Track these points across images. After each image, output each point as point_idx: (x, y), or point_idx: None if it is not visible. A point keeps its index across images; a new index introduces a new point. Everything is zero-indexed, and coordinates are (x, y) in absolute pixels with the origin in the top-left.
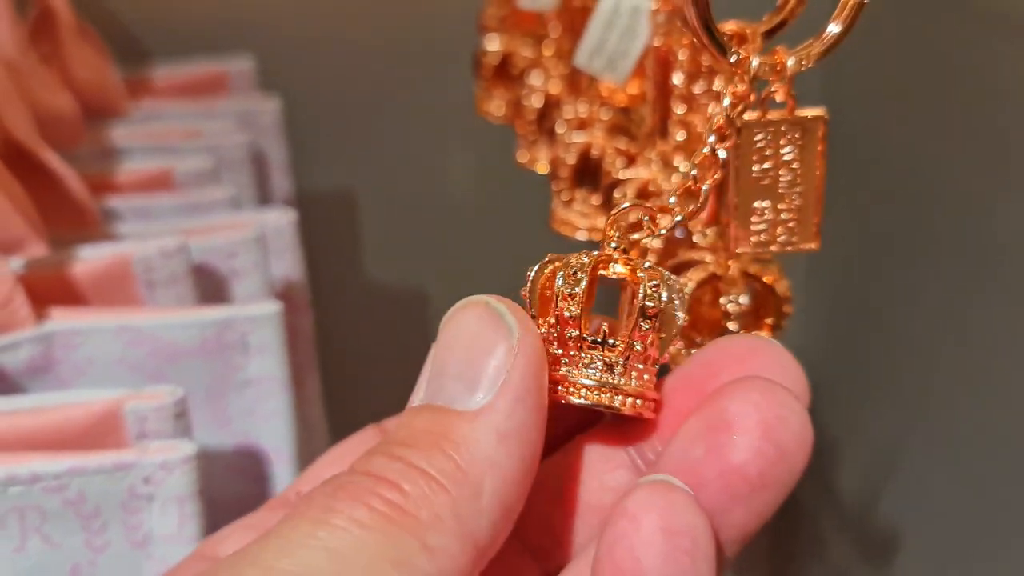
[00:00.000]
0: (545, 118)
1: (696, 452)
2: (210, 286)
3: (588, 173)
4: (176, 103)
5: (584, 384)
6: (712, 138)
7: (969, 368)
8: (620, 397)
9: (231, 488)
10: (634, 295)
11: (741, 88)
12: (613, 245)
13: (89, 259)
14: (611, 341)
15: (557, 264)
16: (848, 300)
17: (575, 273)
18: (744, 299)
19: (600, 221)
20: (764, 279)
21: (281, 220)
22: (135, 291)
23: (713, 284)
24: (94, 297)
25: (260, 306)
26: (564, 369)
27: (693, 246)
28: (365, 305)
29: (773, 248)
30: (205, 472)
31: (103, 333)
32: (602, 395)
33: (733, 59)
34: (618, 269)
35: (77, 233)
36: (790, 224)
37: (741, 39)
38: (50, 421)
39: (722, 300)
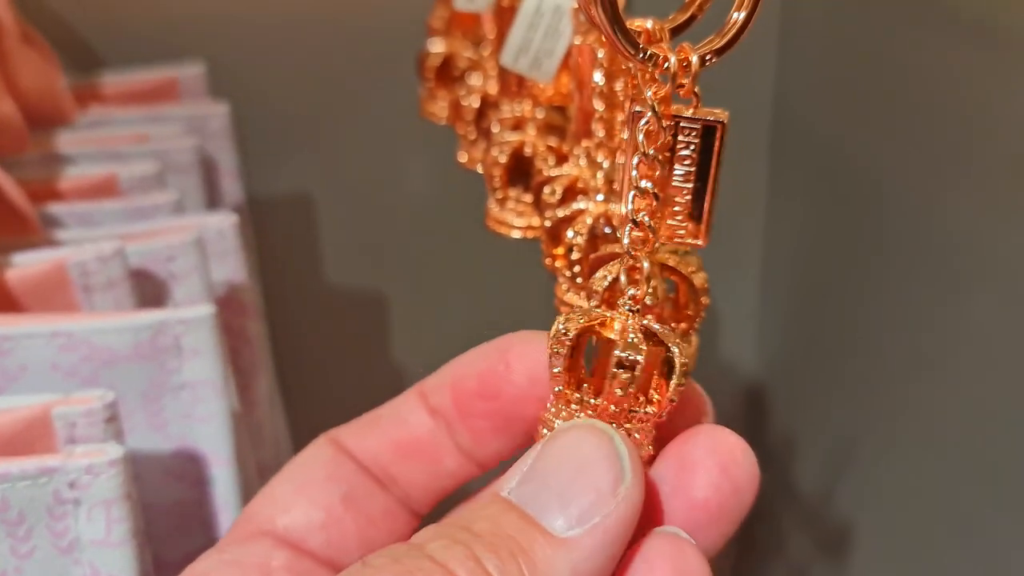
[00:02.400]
0: (483, 118)
1: (664, 490)
2: (149, 290)
3: (523, 172)
4: (124, 109)
5: None
6: (641, 138)
7: (922, 366)
8: None
9: (169, 493)
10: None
11: (661, 89)
12: (627, 307)
13: (24, 265)
14: (591, 400)
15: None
16: (804, 301)
17: (562, 333)
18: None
19: (534, 220)
20: (682, 270)
21: (223, 223)
22: (72, 296)
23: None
24: (31, 303)
25: (193, 309)
26: (552, 416)
27: (616, 240)
28: (323, 308)
29: (663, 240)
30: (142, 478)
31: (35, 338)
32: None
33: (642, 56)
34: (616, 327)
35: (16, 240)
36: (679, 218)
37: (650, 36)
38: None
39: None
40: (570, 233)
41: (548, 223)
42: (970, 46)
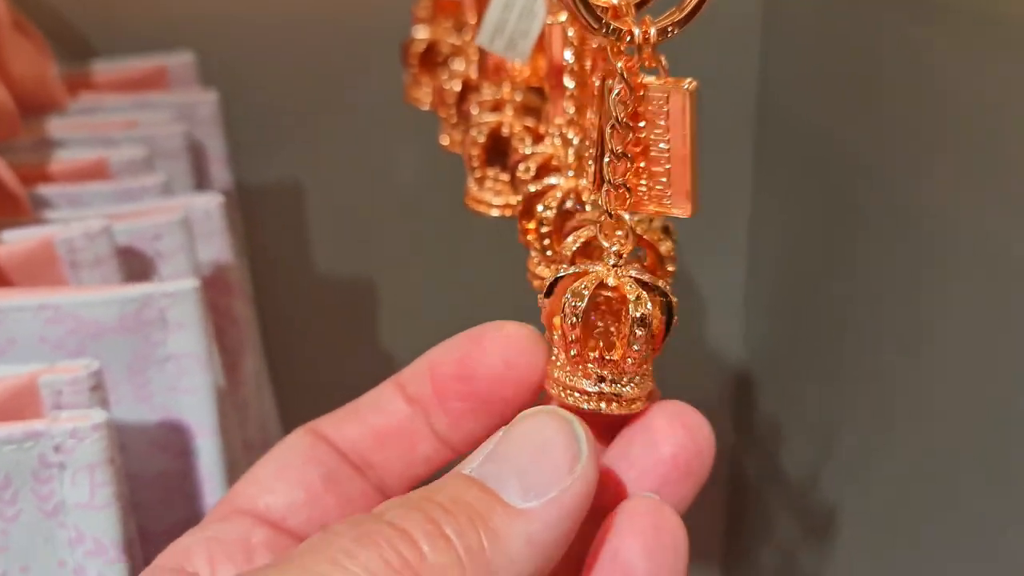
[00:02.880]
0: (464, 101)
1: (634, 450)
2: (136, 268)
3: (501, 153)
4: (115, 96)
5: (588, 391)
6: (617, 110)
7: (907, 351)
8: (618, 403)
9: (154, 464)
10: (624, 307)
11: (630, 61)
12: (611, 262)
13: (13, 242)
14: (608, 357)
15: (569, 278)
16: (790, 287)
17: (577, 294)
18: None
19: (512, 198)
20: (649, 238)
21: (210, 204)
22: (60, 272)
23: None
24: (19, 279)
25: (178, 283)
26: (568, 378)
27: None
28: (312, 294)
29: (650, 208)
30: (127, 448)
31: (23, 312)
32: (603, 403)
33: (605, 31)
34: (610, 283)
35: (6, 221)
36: (659, 187)
37: (616, 11)
38: None
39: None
40: (540, 207)
41: (521, 199)
42: (956, 35)
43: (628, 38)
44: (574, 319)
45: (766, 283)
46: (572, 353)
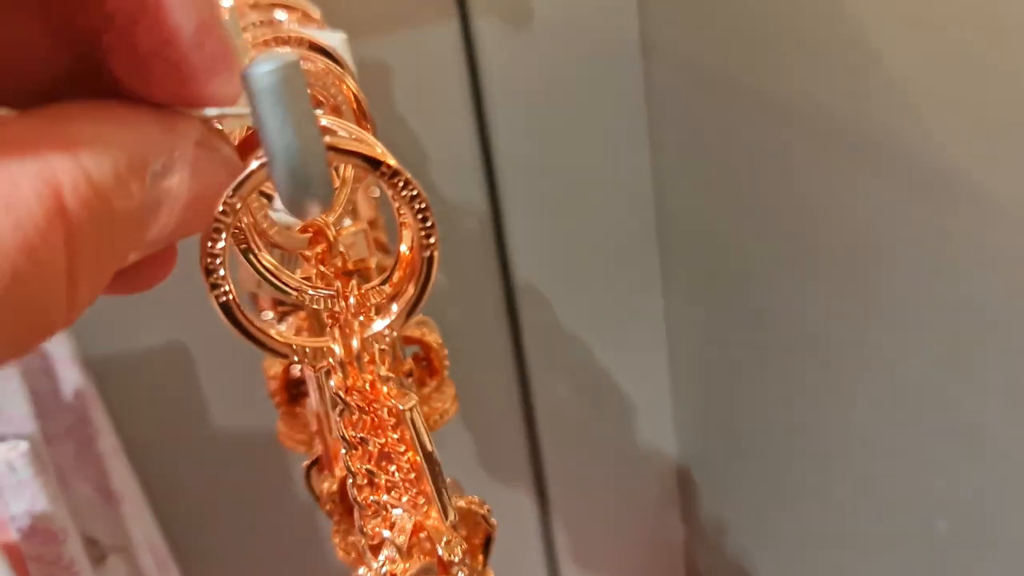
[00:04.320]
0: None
1: None
2: None
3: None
4: None
5: None
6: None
7: (826, 440)
8: None
9: None
10: None
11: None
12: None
13: None
14: None
15: None
16: (710, 379)
17: None
18: None
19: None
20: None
21: (10, 454)
22: None
23: None
24: None
25: None
26: None
27: None
28: (203, 456)
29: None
30: None
31: None
32: None
33: (295, 359)
34: None
35: None
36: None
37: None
38: None
39: None
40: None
41: None
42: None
43: (330, 358)
44: None
45: (689, 378)
46: None
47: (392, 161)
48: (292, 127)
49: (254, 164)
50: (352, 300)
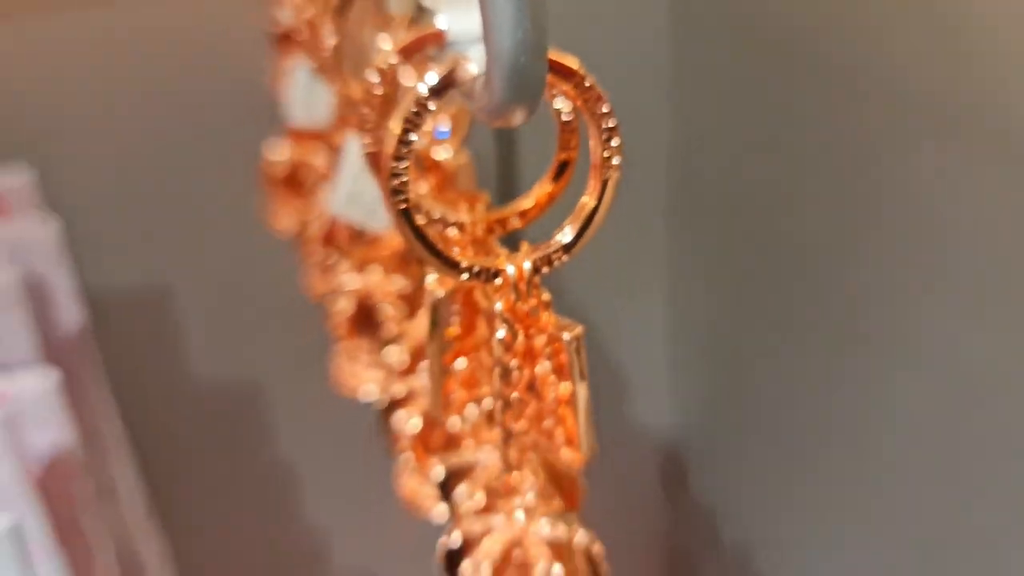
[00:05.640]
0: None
1: None
2: None
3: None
4: None
5: None
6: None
7: (836, 427)
8: None
9: None
10: None
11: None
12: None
13: None
14: None
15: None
16: (710, 352)
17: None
18: None
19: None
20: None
21: (40, 386)
22: None
23: None
24: None
25: None
26: None
27: None
28: (189, 407)
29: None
30: None
31: None
32: None
33: (468, 276)
34: None
35: None
36: (550, 428)
37: (479, 243)
38: None
39: None
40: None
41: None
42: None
43: (499, 280)
44: None
45: (688, 351)
46: None
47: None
48: (528, 20)
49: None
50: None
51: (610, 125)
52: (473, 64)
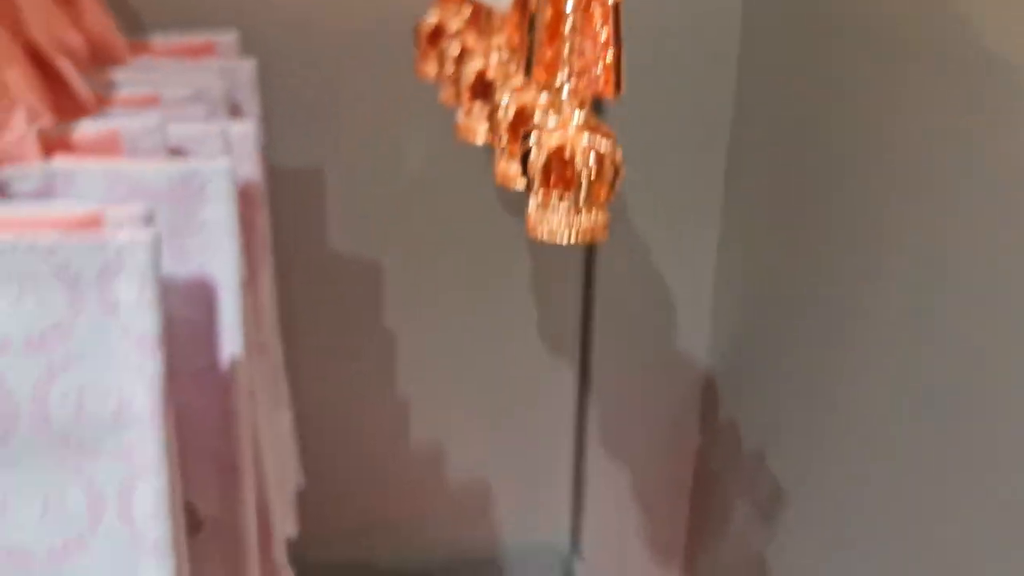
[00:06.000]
0: (461, 63)
1: None
2: None
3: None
4: (168, 60)
5: None
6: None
7: (868, 355)
8: None
9: (184, 312)
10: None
11: None
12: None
13: (86, 130)
14: None
15: None
16: (754, 293)
17: None
18: None
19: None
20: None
21: (245, 128)
22: (122, 156)
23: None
24: (89, 157)
25: (215, 162)
26: None
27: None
28: (325, 273)
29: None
30: (164, 296)
31: (93, 174)
32: None
33: None
34: None
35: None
36: (580, 72)
37: None
38: (47, 217)
39: None
40: (500, 114)
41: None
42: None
43: None
44: None
45: (733, 289)
46: None
47: None
48: None
49: None
50: None
51: None
52: None
